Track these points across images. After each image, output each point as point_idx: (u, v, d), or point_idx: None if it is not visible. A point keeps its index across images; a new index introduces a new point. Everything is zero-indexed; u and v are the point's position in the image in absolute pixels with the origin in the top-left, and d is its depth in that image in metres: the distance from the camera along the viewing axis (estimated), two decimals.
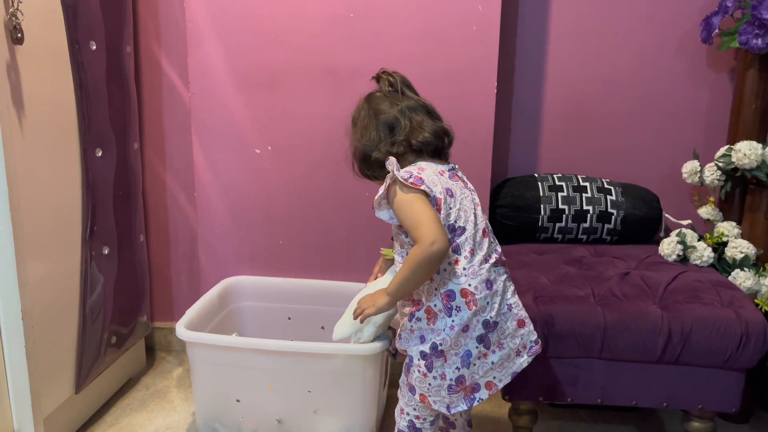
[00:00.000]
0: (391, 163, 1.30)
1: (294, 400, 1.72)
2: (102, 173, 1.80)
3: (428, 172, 1.31)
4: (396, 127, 1.36)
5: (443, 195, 1.30)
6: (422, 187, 1.28)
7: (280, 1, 1.88)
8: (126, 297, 1.96)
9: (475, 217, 1.35)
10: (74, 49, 1.65)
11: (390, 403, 1.96)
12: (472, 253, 1.32)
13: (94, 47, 1.72)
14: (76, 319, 1.74)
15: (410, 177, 1.28)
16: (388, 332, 1.68)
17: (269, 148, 1.99)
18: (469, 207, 1.34)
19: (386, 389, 1.91)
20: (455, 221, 1.31)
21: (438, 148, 1.40)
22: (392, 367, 1.98)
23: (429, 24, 1.86)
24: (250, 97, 1.96)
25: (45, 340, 1.62)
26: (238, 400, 1.74)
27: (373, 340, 1.63)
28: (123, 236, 1.92)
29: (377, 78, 1.44)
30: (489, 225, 1.40)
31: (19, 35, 1.44)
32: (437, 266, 1.29)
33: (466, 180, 1.41)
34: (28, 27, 1.47)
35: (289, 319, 2.07)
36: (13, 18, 1.43)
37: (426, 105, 1.40)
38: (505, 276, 1.37)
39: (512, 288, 1.39)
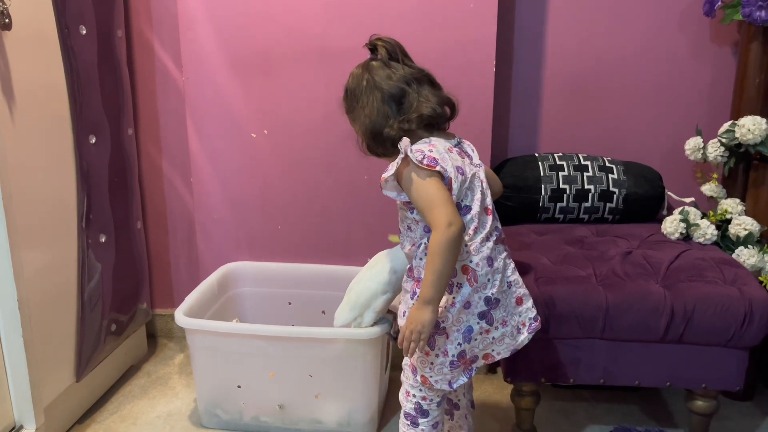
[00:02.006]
0: (405, 143, 1.26)
1: (295, 385, 1.71)
2: (96, 160, 1.78)
3: (440, 149, 1.28)
4: (403, 100, 1.30)
5: (454, 174, 1.27)
6: (437, 168, 1.24)
7: None
8: (125, 284, 1.95)
9: (482, 195, 1.32)
10: (64, 34, 1.61)
11: (392, 386, 1.96)
12: (475, 231, 1.30)
13: (84, 32, 1.69)
14: (75, 308, 1.73)
15: (424, 158, 1.24)
16: (388, 316, 1.67)
17: (265, 131, 1.96)
18: (476, 185, 1.32)
19: (388, 373, 1.90)
20: (462, 200, 1.30)
21: (446, 119, 1.35)
22: (393, 350, 1.97)
23: (425, 1, 1.82)
24: (244, 80, 1.93)
25: (43, 330, 1.61)
26: (239, 386, 1.73)
27: (374, 324, 1.62)
28: (120, 223, 1.91)
29: (372, 46, 1.35)
30: (492, 203, 1.38)
31: (7, 21, 1.41)
32: (460, 247, 1.26)
33: (472, 153, 1.38)
34: (16, 12, 1.44)
35: (290, 304, 2.06)
36: (0, 3, 1.40)
37: (427, 74, 1.34)
38: (504, 254, 1.36)
39: (512, 266, 1.38)
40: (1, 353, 1.55)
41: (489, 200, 1.35)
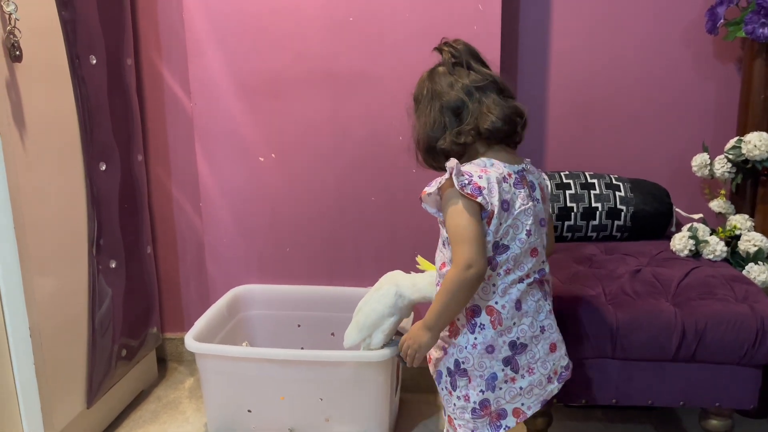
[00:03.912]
0: (452, 164, 1.18)
1: (305, 408, 1.71)
2: (107, 187, 1.80)
3: (491, 177, 1.19)
4: (462, 111, 1.21)
5: (498, 208, 1.18)
6: (479, 199, 1.16)
7: (279, 7, 1.87)
8: (135, 309, 1.96)
9: (528, 234, 1.23)
10: (74, 64, 1.64)
11: (402, 408, 1.95)
12: (508, 272, 1.23)
13: (95, 61, 1.72)
14: (85, 334, 1.74)
15: (469, 184, 1.16)
16: (397, 338, 1.66)
17: (273, 155, 1.98)
18: (523, 222, 1.22)
19: (398, 395, 1.90)
20: (501, 238, 1.21)
21: (509, 134, 1.24)
22: (403, 372, 1.96)
23: (429, 25, 1.84)
24: (252, 105, 1.95)
25: (54, 356, 1.62)
26: (249, 411, 1.73)
27: (383, 346, 1.62)
28: (130, 249, 1.92)
29: (439, 49, 1.27)
30: (544, 241, 1.29)
31: (18, 53, 1.44)
32: (475, 290, 1.21)
33: (536, 182, 1.28)
34: (27, 44, 1.47)
35: (299, 326, 2.06)
36: (11, 36, 1.43)
37: (496, 80, 1.23)
38: (539, 296, 1.28)
39: (548, 308, 1.31)
40: (13, 380, 1.56)
41: (538, 240, 1.26)
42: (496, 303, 1.24)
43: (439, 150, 1.24)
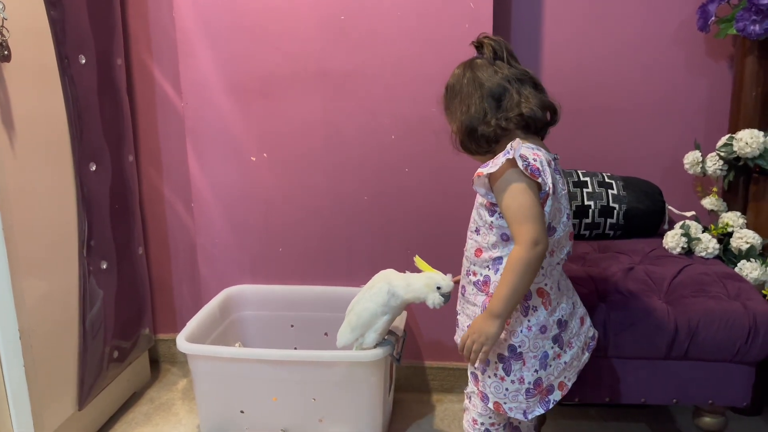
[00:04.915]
0: (516, 144, 1.21)
1: (299, 409, 1.70)
2: (97, 187, 1.79)
3: (542, 160, 1.22)
4: (503, 98, 1.26)
5: (551, 190, 1.22)
6: (538, 180, 1.19)
7: (270, 6, 1.87)
8: (127, 311, 1.95)
9: (568, 217, 1.30)
10: (63, 64, 1.63)
11: (396, 408, 1.94)
12: (551, 254, 1.28)
13: (84, 61, 1.70)
14: (76, 336, 1.73)
15: (528, 165, 1.19)
16: (390, 337, 1.66)
17: (264, 155, 1.97)
18: (564, 205, 1.29)
19: (392, 395, 1.89)
20: (551, 220, 1.25)
21: (544, 125, 1.31)
22: (397, 371, 1.96)
23: (420, 23, 1.83)
24: (243, 105, 1.94)
25: (45, 359, 1.61)
26: (242, 412, 1.72)
27: (376, 346, 1.61)
28: (121, 250, 1.91)
29: (479, 44, 1.31)
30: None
31: (6, 52, 1.43)
32: (539, 268, 1.23)
33: (562, 173, 1.34)
34: (15, 43, 1.46)
35: (292, 326, 2.06)
36: None
37: (532, 76, 1.29)
38: (565, 275, 1.36)
39: (572, 286, 1.37)
40: (3, 382, 1.54)
41: (571, 224, 1.33)
42: (546, 285, 1.29)
43: (480, 134, 1.27)
